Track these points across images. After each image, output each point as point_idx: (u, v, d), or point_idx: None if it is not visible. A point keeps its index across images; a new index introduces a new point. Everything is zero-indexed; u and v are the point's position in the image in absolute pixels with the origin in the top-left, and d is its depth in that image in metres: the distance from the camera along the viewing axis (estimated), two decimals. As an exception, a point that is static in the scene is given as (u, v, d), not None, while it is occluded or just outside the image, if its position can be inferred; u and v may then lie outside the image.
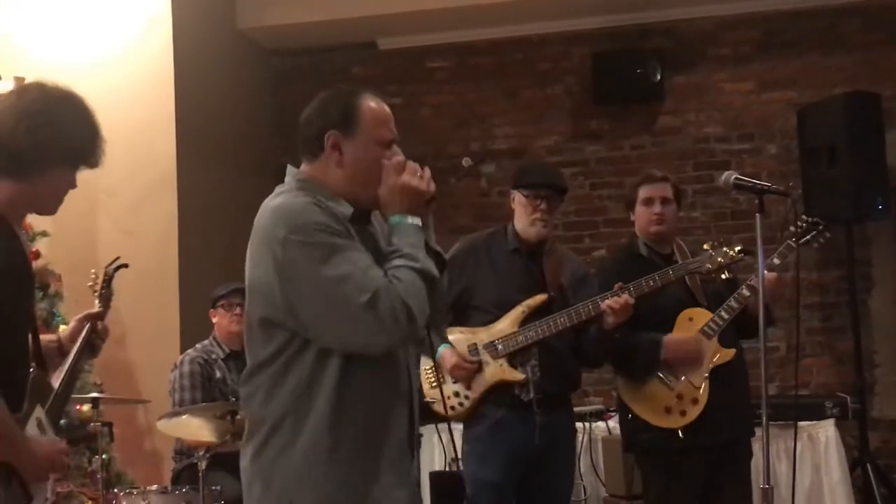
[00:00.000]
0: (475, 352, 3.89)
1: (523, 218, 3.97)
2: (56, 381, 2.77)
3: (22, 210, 2.62)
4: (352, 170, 2.45)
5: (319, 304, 2.28)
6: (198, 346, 5.02)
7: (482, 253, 4.06)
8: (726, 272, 3.94)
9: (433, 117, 7.03)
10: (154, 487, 4.39)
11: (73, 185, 2.65)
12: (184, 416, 4.18)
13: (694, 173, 6.59)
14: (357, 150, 2.46)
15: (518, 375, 3.84)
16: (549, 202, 3.95)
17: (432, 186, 2.47)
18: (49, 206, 2.64)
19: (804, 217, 4.04)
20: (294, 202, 2.38)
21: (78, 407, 5.02)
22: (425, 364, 4.07)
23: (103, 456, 4.53)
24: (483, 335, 3.91)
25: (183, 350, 5.14)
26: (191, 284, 5.73)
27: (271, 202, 2.44)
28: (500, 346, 3.86)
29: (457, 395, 3.90)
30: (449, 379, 3.94)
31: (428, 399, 3.96)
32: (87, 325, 2.97)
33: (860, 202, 5.88)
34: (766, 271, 3.75)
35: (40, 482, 2.56)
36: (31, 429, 2.54)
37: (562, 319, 3.82)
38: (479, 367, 3.88)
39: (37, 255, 5.16)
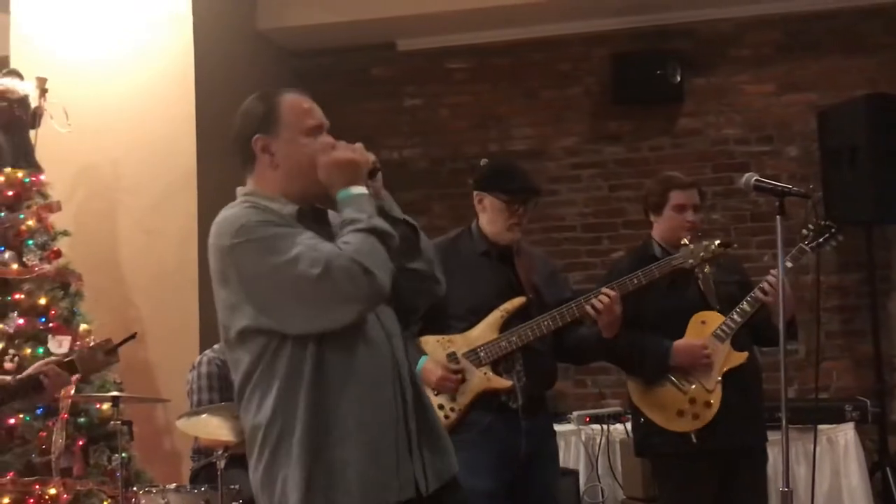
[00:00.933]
0: (455, 360, 3.74)
1: (498, 222, 3.81)
2: None
3: None
4: (286, 167, 2.47)
5: (279, 292, 2.29)
6: (215, 346, 5.02)
7: (450, 258, 3.81)
8: (708, 266, 3.90)
9: (452, 118, 7.03)
10: (173, 486, 4.40)
11: None
12: (203, 416, 4.20)
13: (713, 175, 6.57)
14: (286, 146, 2.48)
15: (505, 383, 3.71)
16: (526, 206, 3.83)
17: (370, 156, 2.47)
18: None
19: (815, 220, 4.01)
20: (231, 211, 2.44)
21: (98, 405, 5.05)
22: None
23: (123, 454, 4.55)
24: (460, 342, 3.76)
25: (202, 349, 5.16)
26: (210, 284, 5.72)
27: (215, 220, 2.47)
28: (482, 354, 3.72)
29: (441, 407, 3.75)
30: (430, 392, 3.88)
31: None
32: (46, 368, 2.95)
33: (881, 204, 5.84)
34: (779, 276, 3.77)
35: None
36: None
37: (546, 323, 3.71)
38: (462, 377, 3.72)
39: (58, 254, 5.19)
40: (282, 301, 2.30)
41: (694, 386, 3.93)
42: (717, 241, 3.87)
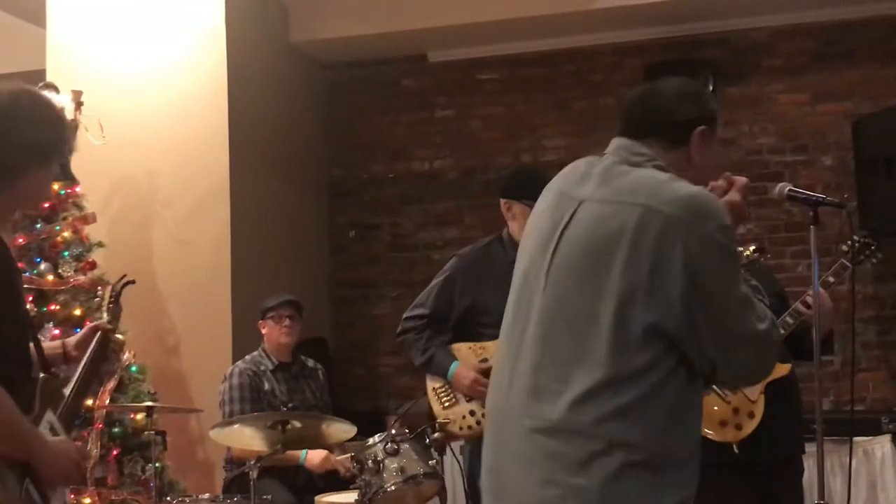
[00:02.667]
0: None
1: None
2: (67, 388, 2.74)
3: (6, 213, 2.63)
4: (697, 172, 2.30)
5: (726, 322, 2.13)
6: (247, 357, 5.06)
7: (482, 267, 3.95)
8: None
9: (483, 129, 7.03)
10: (206, 496, 4.42)
11: (52, 178, 2.66)
12: (236, 426, 4.21)
13: (747, 185, 6.52)
14: (709, 153, 2.33)
15: None
16: None
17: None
18: (36, 205, 2.65)
19: (854, 238, 3.98)
20: (707, 195, 2.20)
21: (132, 416, 5.08)
22: (434, 383, 4.04)
23: (156, 464, 4.58)
24: (492, 349, 3.79)
25: (235, 360, 5.18)
26: (243, 294, 5.78)
27: (670, 182, 2.19)
28: None
29: (472, 413, 3.80)
30: (462, 398, 3.89)
31: (441, 420, 3.88)
32: (98, 335, 2.94)
33: (917, 215, 5.78)
34: (820, 289, 3.74)
35: (61, 485, 2.54)
36: (44, 433, 2.51)
37: None
38: None
39: (93, 265, 5.24)
40: (725, 334, 2.14)
41: (737, 396, 3.90)
42: (751, 247, 3.86)
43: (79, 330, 5.02)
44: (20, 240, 5.08)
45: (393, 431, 3.94)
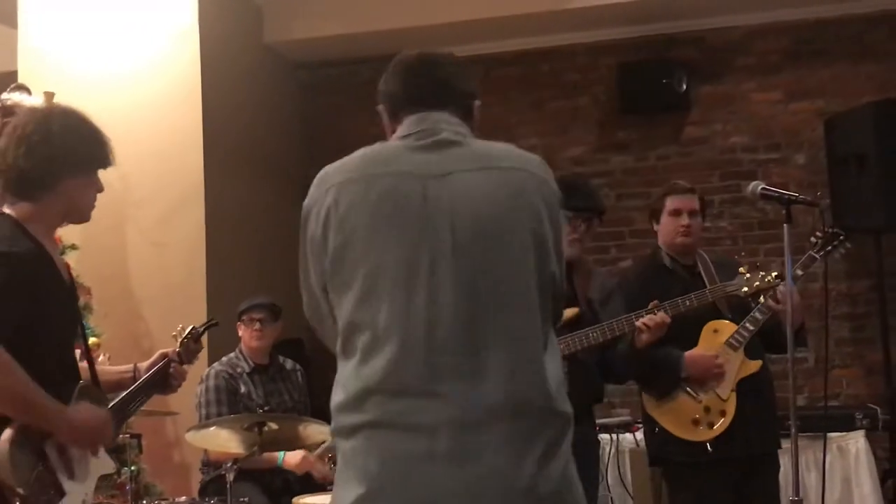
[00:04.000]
0: None
1: None
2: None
3: (49, 224, 2.72)
4: None
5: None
6: (223, 359, 5.04)
7: None
8: (763, 296, 3.92)
9: (459, 128, 7.02)
10: (182, 499, 4.41)
11: (98, 188, 2.77)
12: (212, 428, 4.19)
13: (721, 183, 6.56)
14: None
15: None
16: (589, 224, 3.90)
17: None
18: (78, 216, 2.78)
19: (822, 228, 4.01)
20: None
21: (107, 418, 5.05)
22: None
23: (132, 467, 4.56)
24: None
25: (211, 362, 5.16)
26: (219, 296, 5.76)
27: (521, 151, 2.27)
28: None
29: None
30: None
31: None
32: (165, 360, 3.11)
33: (889, 212, 5.82)
34: (779, 289, 3.79)
35: (85, 450, 2.63)
36: None
37: (594, 334, 3.76)
38: None
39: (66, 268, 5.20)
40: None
41: (709, 395, 3.93)
42: (774, 273, 3.89)
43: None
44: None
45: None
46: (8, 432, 2.43)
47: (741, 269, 3.93)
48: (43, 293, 2.56)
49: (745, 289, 3.88)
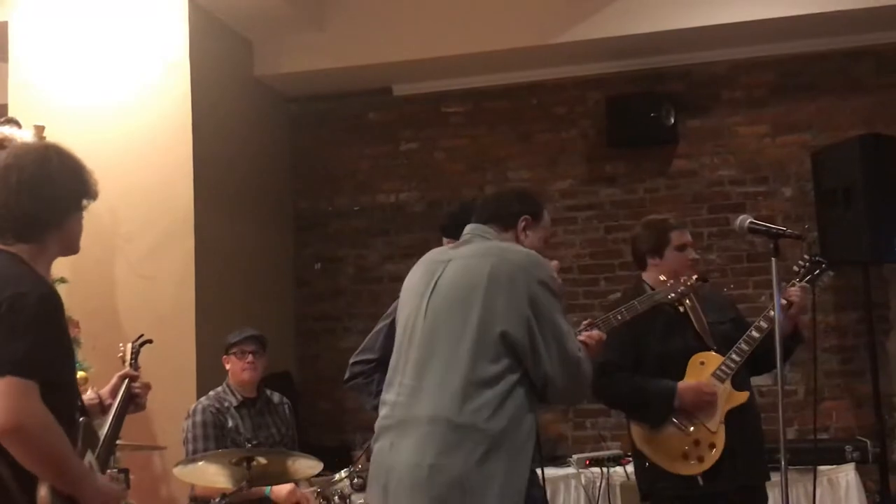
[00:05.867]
0: None
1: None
2: (101, 431, 2.91)
3: (49, 261, 2.79)
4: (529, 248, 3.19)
5: (557, 337, 2.94)
6: (211, 393, 5.01)
7: None
8: (689, 299, 3.95)
9: (448, 161, 7.06)
10: (170, 534, 4.37)
11: (81, 221, 2.83)
12: (200, 463, 4.17)
13: (709, 216, 6.59)
14: (534, 236, 3.24)
15: None
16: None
17: None
18: (73, 248, 2.84)
19: (805, 256, 4.02)
20: (538, 254, 3.08)
21: (94, 453, 5.01)
22: None
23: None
24: None
25: (199, 396, 5.14)
26: (207, 330, 5.74)
27: (513, 246, 3.12)
28: None
29: None
30: None
31: None
32: (126, 381, 3.20)
33: (877, 244, 5.85)
34: (791, 288, 3.82)
35: None
36: None
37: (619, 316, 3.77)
38: None
39: (54, 300, 5.18)
40: (555, 357, 2.94)
41: (697, 428, 3.92)
42: (694, 276, 3.93)
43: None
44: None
45: (359, 466, 3.92)
46: (44, 489, 2.44)
47: (661, 277, 3.95)
48: (67, 333, 2.65)
49: (672, 294, 3.88)
